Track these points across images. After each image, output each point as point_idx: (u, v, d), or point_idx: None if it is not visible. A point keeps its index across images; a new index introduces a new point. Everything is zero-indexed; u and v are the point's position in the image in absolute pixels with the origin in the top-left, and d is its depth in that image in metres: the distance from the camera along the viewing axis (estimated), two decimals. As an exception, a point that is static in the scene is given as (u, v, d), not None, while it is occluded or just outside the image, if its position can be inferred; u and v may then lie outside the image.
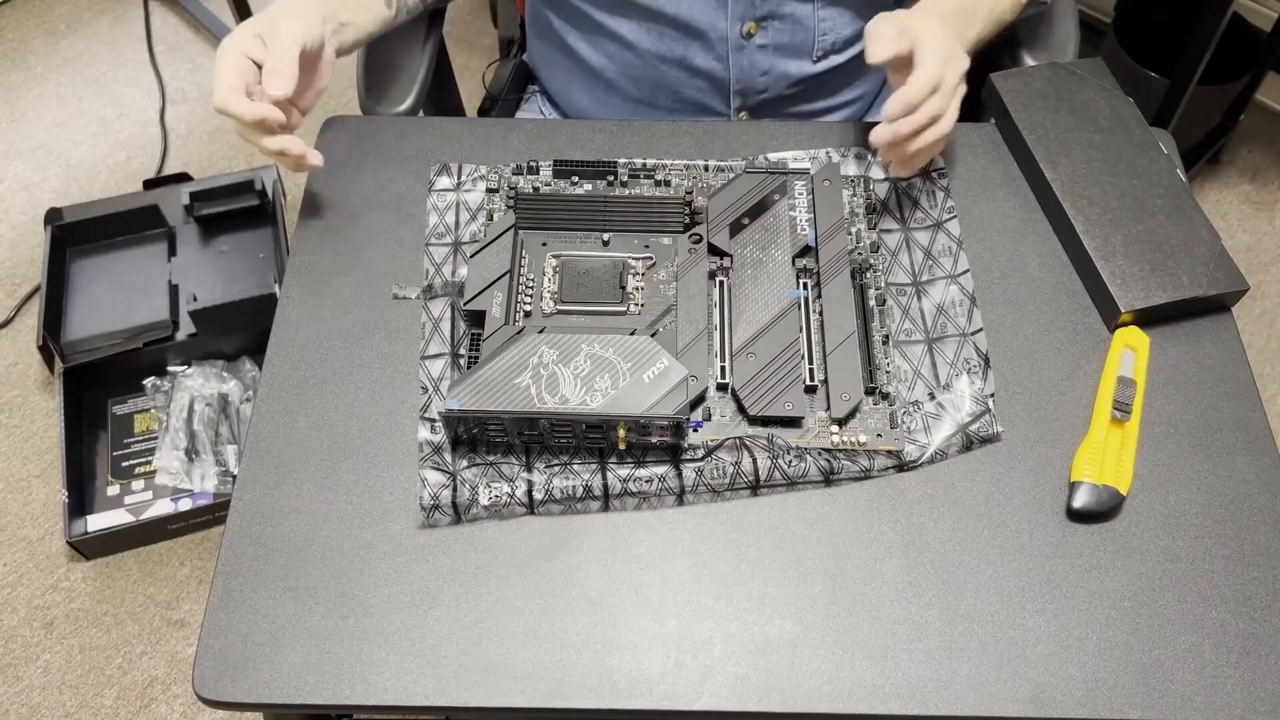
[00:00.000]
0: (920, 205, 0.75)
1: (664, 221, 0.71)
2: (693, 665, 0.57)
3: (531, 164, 0.75)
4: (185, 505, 1.35)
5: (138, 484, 1.38)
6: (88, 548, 1.35)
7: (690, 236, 0.70)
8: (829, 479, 0.63)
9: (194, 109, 1.86)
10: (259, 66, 0.69)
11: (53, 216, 1.50)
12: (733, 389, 0.65)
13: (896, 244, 0.73)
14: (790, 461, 0.62)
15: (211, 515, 1.36)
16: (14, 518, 1.40)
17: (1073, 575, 0.60)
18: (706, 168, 0.76)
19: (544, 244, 0.70)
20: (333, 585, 0.60)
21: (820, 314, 0.68)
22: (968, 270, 0.71)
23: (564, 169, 0.75)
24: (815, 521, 0.62)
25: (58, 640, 1.30)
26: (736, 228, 0.71)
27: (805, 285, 0.69)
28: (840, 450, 0.63)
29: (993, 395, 0.66)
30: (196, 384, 1.41)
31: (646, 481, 0.62)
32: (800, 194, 0.74)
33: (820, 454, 0.63)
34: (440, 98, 1.03)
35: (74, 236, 1.50)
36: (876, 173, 0.76)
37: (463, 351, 0.67)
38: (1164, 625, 0.58)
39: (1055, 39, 0.88)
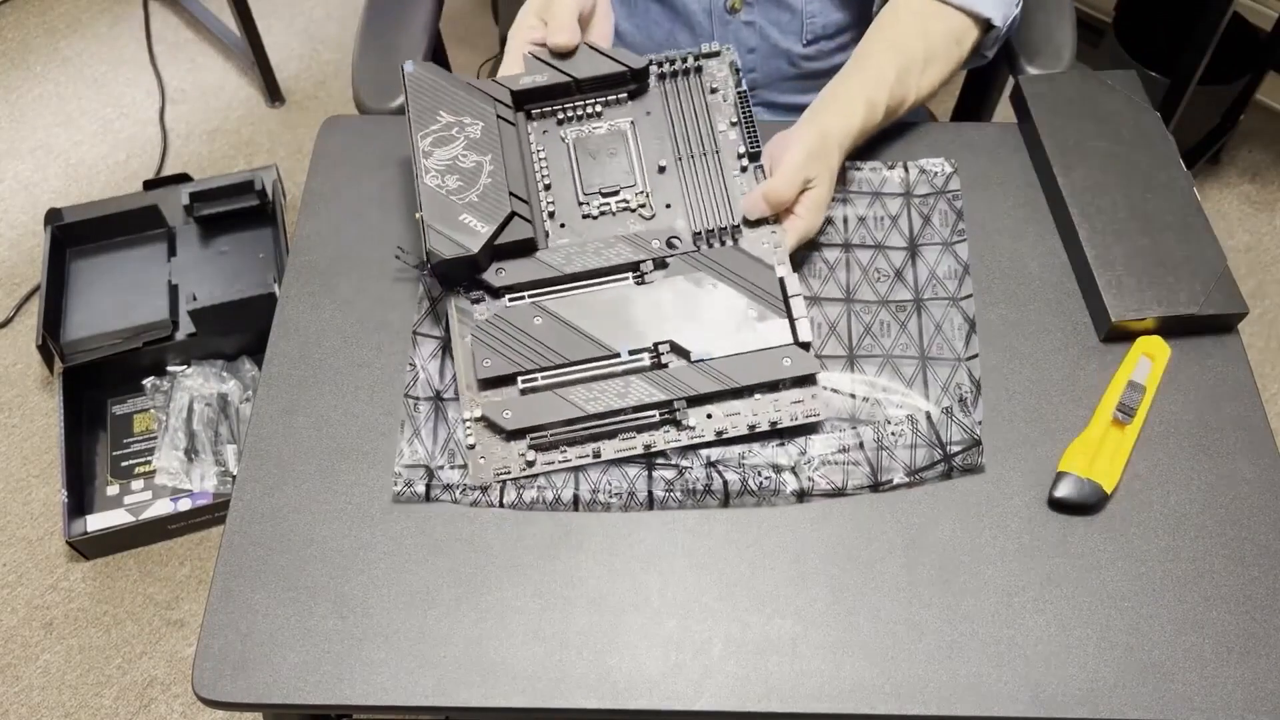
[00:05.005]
0: (931, 223, 0.73)
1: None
2: (693, 665, 0.57)
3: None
4: (185, 505, 1.35)
5: (137, 484, 1.38)
6: (87, 548, 1.35)
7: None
8: (801, 497, 0.62)
9: (194, 109, 1.86)
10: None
11: (53, 216, 1.50)
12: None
13: (901, 262, 0.71)
14: (760, 482, 0.62)
15: (211, 515, 1.36)
16: (14, 518, 1.40)
17: (1073, 575, 0.60)
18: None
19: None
20: (332, 585, 0.60)
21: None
22: (971, 295, 0.70)
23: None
24: (815, 521, 0.62)
25: (57, 640, 1.30)
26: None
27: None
28: (809, 466, 0.63)
29: (980, 423, 0.65)
30: (196, 384, 1.41)
31: (614, 494, 0.62)
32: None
33: (790, 471, 0.62)
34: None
35: (74, 236, 1.50)
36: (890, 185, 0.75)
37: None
38: (1164, 625, 0.58)
39: (1052, 45, 0.88)
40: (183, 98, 1.88)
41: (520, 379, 0.63)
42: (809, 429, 0.64)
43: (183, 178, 1.56)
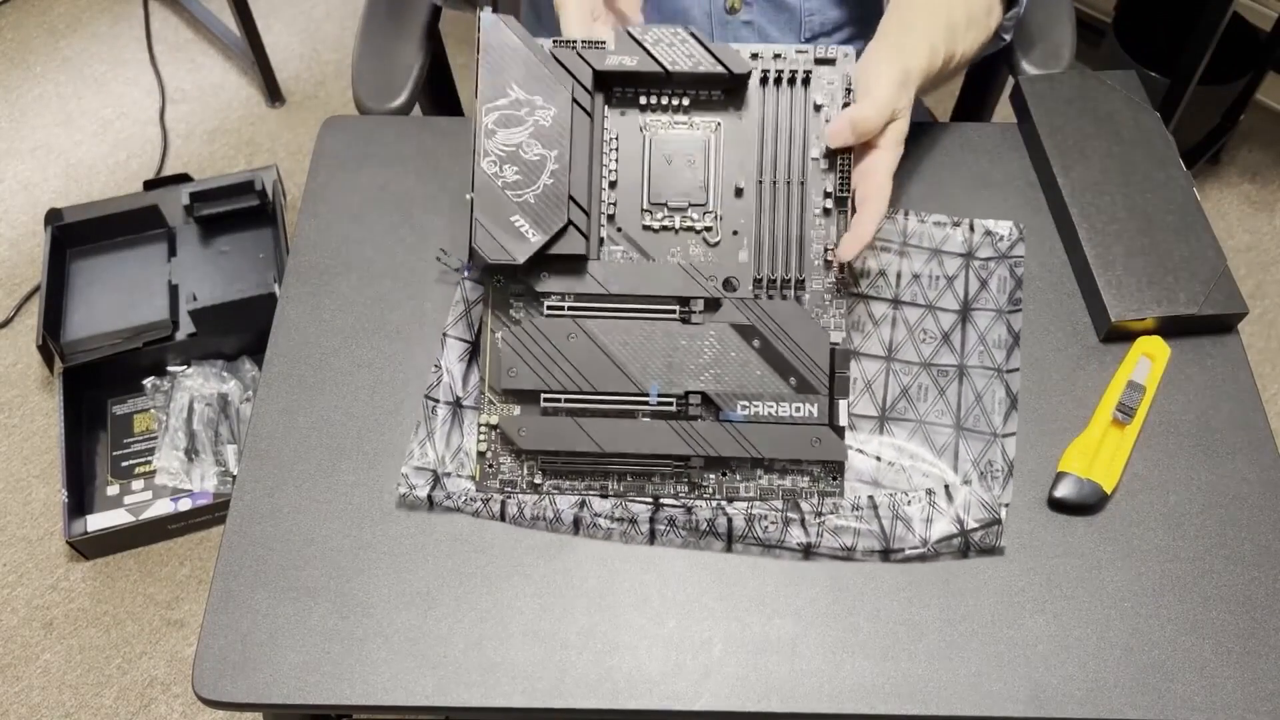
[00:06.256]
0: (988, 288, 0.69)
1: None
2: (693, 665, 0.57)
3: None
4: (185, 505, 1.35)
5: (137, 484, 1.38)
6: (87, 548, 1.35)
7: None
8: (808, 552, 0.60)
9: (194, 109, 1.86)
10: None
11: (53, 217, 1.50)
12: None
13: (951, 325, 0.68)
14: (766, 527, 0.60)
15: (211, 515, 1.36)
16: (14, 518, 1.40)
17: (1073, 575, 0.60)
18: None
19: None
20: (333, 585, 0.60)
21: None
22: (1018, 370, 0.66)
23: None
24: (815, 521, 0.62)
25: (57, 640, 1.30)
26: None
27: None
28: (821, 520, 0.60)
29: (1006, 505, 0.61)
30: (196, 384, 1.41)
31: (615, 522, 0.61)
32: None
33: (799, 524, 0.60)
34: (440, 97, 1.03)
35: (74, 236, 1.50)
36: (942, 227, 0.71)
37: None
38: (1164, 625, 0.58)
39: (1052, 45, 0.88)
40: (183, 98, 1.88)
41: (543, 397, 0.60)
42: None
43: (183, 178, 1.56)
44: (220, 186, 1.50)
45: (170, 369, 1.44)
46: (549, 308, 0.62)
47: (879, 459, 0.63)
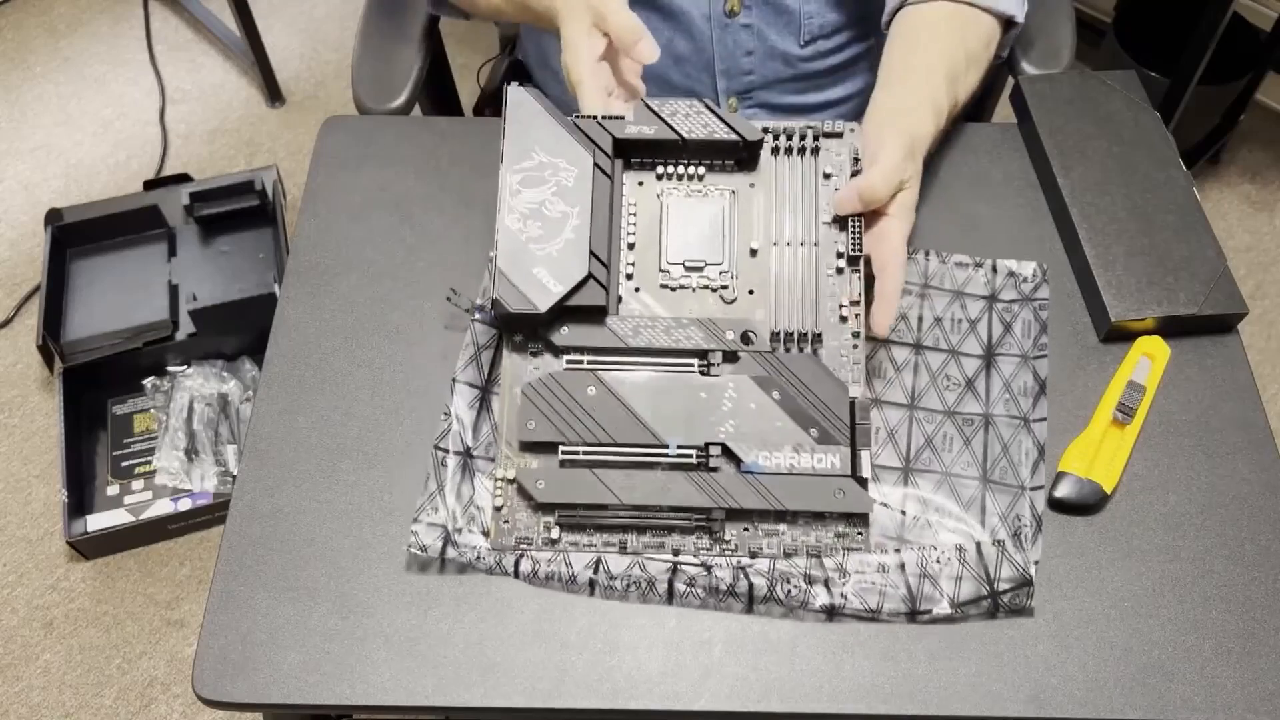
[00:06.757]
0: (1012, 331, 0.68)
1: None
2: (693, 665, 0.57)
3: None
4: (185, 505, 1.35)
5: (137, 484, 1.38)
6: (87, 548, 1.35)
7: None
8: (831, 614, 0.58)
9: (194, 109, 1.86)
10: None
11: (53, 217, 1.50)
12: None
13: (975, 371, 0.66)
14: (789, 590, 0.58)
15: (211, 515, 1.36)
16: (14, 518, 1.40)
17: (1072, 575, 0.60)
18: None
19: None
20: (333, 585, 0.60)
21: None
22: (1045, 419, 0.65)
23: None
24: (815, 521, 0.62)
25: (57, 640, 1.30)
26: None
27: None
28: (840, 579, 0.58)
29: (1036, 562, 0.60)
30: (196, 384, 1.41)
31: (633, 582, 0.59)
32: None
33: (823, 584, 0.58)
34: (439, 97, 1.03)
35: (74, 237, 1.50)
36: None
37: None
38: (1164, 625, 0.58)
39: (1052, 45, 0.89)
40: (183, 98, 1.88)
41: (561, 448, 0.60)
42: None
43: (183, 178, 1.56)
44: (220, 186, 1.50)
45: (170, 369, 1.44)
46: (568, 361, 0.61)
47: (904, 513, 0.61)
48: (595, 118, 0.64)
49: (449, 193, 0.76)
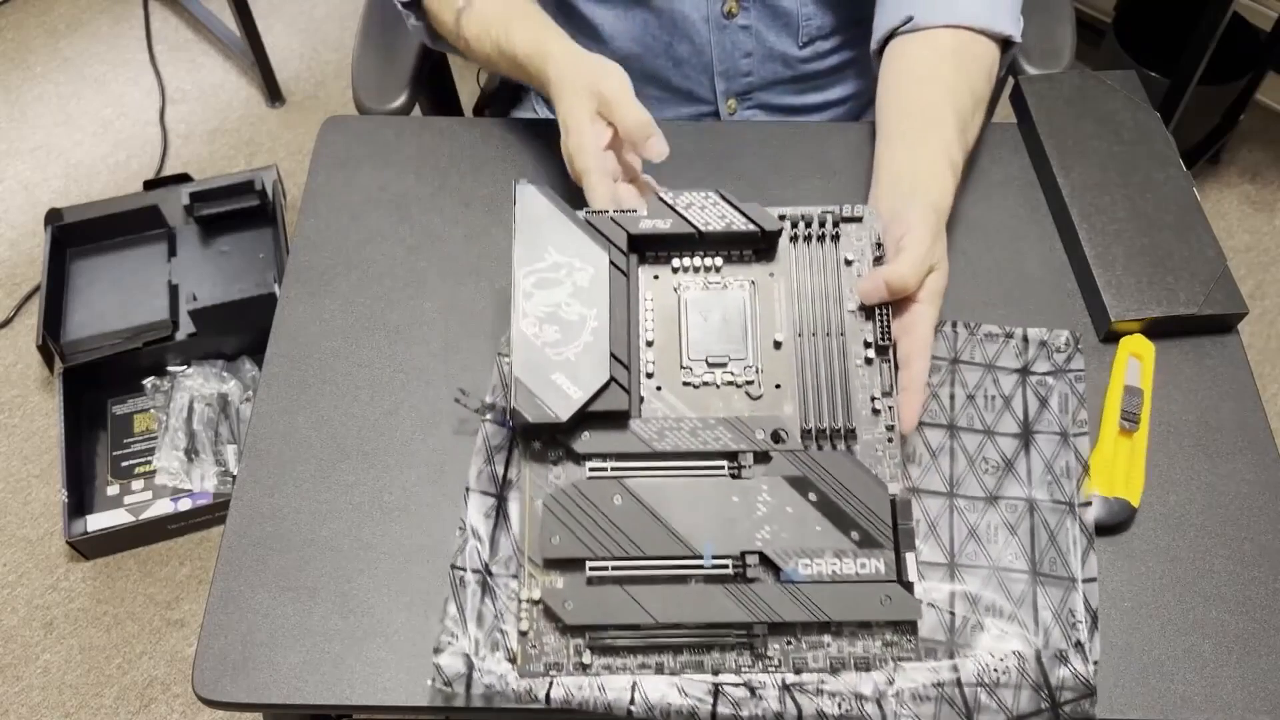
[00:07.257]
0: (1049, 407, 0.64)
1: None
2: (693, 665, 0.57)
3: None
4: (185, 505, 1.35)
5: (137, 484, 1.38)
6: (88, 548, 1.35)
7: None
8: None
9: (194, 109, 1.86)
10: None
11: (53, 217, 1.50)
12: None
13: (1013, 451, 0.63)
14: (840, 713, 0.54)
15: (211, 515, 1.36)
16: (14, 518, 1.40)
17: (1073, 575, 0.60)
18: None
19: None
20: (333, 585, 0.60)
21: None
22: (1090, 503, 0.61)
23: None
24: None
25: (58, 640, 1.30)
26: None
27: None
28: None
29: (1097, 663, 0.56)
30: (196, 384, 1.41)
31: (675, 712, 0.54)
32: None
33: (875, 703, 0.54)
34: (439, 97, 1.03)
35: (74, 237, 1.51)
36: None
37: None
38: (1164, 625, 0.58)
39: (1052, 46, 0.89)
40: (183, 98, 1.88)
41: (589, 565, 0.56)
42: None
43: (183, 178, 1.56)
44: (220, 186, 1.50)
45: (170, 369, 1.44)
46: (591, 469, 0.58)
47: (952, 614, 0.58)
48: (608, 212, 0.61)
49: (449, 193, 0.76)
